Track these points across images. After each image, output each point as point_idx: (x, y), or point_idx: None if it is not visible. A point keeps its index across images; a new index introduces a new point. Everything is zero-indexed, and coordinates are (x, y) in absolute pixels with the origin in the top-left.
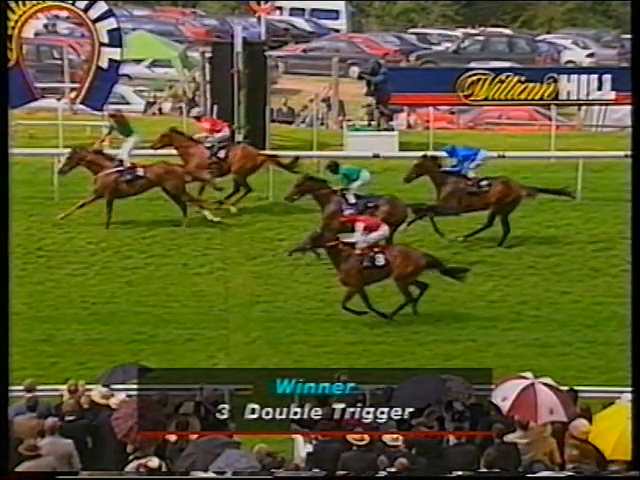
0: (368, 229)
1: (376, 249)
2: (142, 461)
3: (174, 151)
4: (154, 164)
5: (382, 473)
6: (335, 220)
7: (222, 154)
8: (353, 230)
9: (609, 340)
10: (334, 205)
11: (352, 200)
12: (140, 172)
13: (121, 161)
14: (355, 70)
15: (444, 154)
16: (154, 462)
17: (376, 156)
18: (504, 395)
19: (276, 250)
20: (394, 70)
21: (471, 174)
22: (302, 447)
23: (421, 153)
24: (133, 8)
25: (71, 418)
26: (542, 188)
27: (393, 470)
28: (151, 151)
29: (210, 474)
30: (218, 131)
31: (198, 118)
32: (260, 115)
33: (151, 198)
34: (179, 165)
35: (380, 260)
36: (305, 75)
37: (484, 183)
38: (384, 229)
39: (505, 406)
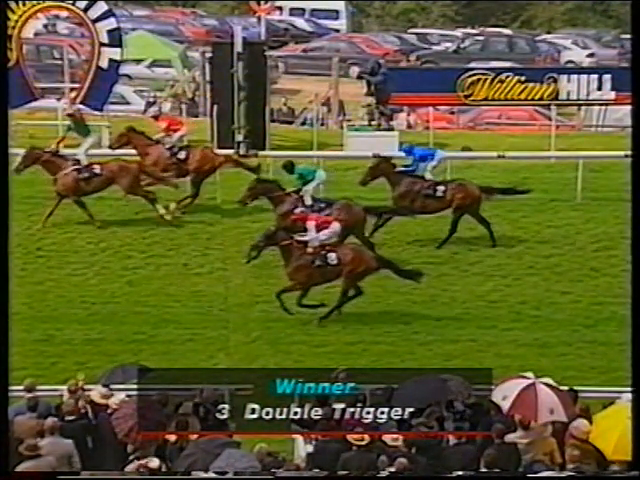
0: (319, 227)
1: (328, 248)
2: (142, 462)
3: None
4: (110, 161)
5: (382, 473)
6: (287, 219)
7: (183, 155)
8: (305, 229)
9: (609, 340)
10: (288, 205)
11: (308, 202)
12: (97, 170)
13: (78, 160)
14: (355, 70)
15: (401, 153)
16: (154, 463)
17: (376, 156)
18: (504, 394)
19: (276, 250)
20: (394, 70)
21: (428, 175)
22: (302, 447)
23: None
24: (133, 8)
25: (71, 418)
26: (500, 188)
27: (393, 470)
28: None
29: (210, 474)
30: (176, 130)
31: (156, 117)
32: (260, 115)
33: None
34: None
35: (333, 259)
36: (305, 75)
37: (440, 188)
38: (335, 226)
39: (505, 405)
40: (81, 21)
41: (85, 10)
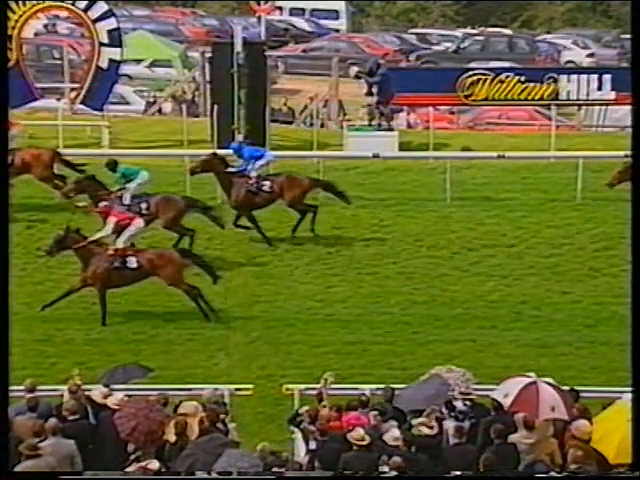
0: (120, 224)
1: (129, 252)
2: (142, 464)
3: None
4: None
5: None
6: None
7: (8, 160)
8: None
9: (609, 340)
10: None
11: (127, 201)
12: None
13: None
14: (354, 70)
15: (231, 151)
16: (154, 465)
17: (376, 156)
18: (506, 392)
19: (276, 250)
20: (394, 70)
21: (253, 174)
22: (302, 447)
23: (422, 153)
24: (133, 8)
25: (72, 418)
26: (326, 185)
27: (388, 469)
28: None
29: (210, 474)
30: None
31: None
32: (260, 115)
33: None
34: None
35: (132, 262)
36: (305, 75)
37: (266, 183)
38: (138, 222)
39: (507, 402)
40: (81, 21)
41: (85, 10)
